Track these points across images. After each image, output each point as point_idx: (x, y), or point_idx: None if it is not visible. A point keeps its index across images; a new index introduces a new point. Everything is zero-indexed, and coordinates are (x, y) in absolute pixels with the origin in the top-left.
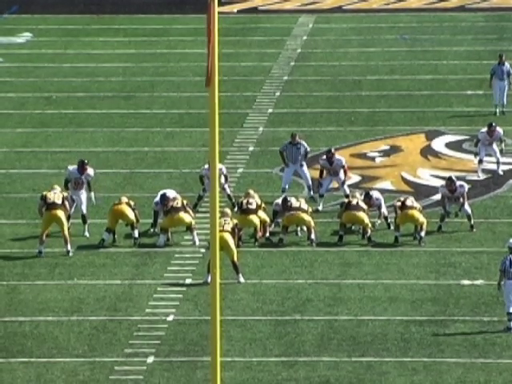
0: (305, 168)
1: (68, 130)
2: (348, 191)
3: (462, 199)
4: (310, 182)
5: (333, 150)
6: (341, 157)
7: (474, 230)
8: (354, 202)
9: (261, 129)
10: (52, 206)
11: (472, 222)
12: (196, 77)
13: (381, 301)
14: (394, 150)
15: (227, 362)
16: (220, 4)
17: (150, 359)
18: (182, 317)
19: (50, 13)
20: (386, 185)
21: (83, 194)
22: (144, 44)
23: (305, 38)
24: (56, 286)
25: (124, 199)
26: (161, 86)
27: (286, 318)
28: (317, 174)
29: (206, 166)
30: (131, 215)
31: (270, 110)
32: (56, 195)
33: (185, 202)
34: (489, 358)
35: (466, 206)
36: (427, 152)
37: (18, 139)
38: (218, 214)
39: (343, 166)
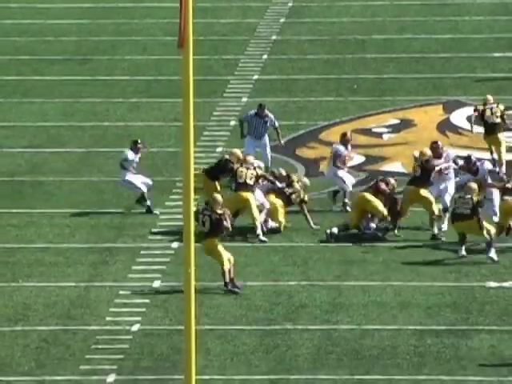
0: (267, 143)
1: (11, 100)
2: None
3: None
4: (270, 163)
5: (348, 134)
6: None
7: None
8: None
9: (244, 99)
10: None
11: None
12: (166, 36)
13: (389, 307)
14: (406, 124)
15: (204, 381)
16: None
17: (111, 377)
18: (150, 326)
19: None
20: (396, 167)
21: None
22: None
23: None
24: None
25: None
26: (123, 47)
27: (276, 328)
28: (307, 153)
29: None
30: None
31: (256, 77)
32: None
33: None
34: None
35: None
36: (445, 127)
37: None
38: (192, 202)
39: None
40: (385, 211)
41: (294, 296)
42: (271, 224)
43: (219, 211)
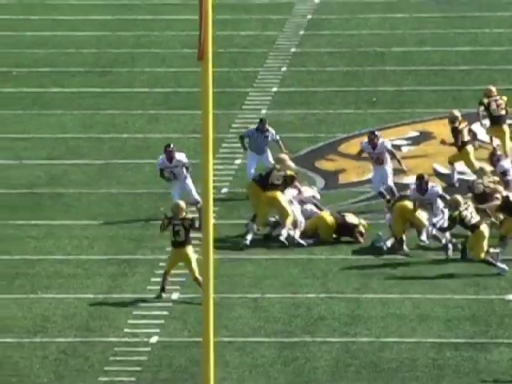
0: (269, 157)
1: (30, 112)
2: (393, 186)
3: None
4: None
5: (376, 133)
6: (386, 140)
7: (450, 254)
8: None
9: (263, 111)
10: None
11: (444, 241)
12: (185, 48)
13: (408, 319)
14: (425, 136)
15: None
16: None
17: None
18: (168, 338)
19: None
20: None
21: (187, 180)
22: (122, 8)
23: (317, 1)
24: (16, 301)
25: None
26: (143, 59)
27: (294, 340)
28: (326, 165)
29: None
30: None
31: (275, 89)
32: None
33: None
34: None
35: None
36: None
37: None
38: (211, 213)
39: (389, 151)
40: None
41: (313, 308)
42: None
43: (189, 216)
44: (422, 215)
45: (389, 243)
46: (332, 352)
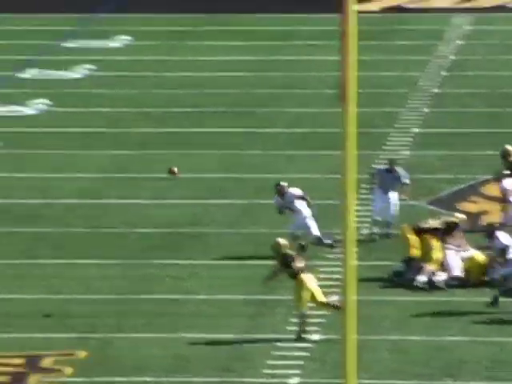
0: (395, 199)
1: (172, 151)
2: None
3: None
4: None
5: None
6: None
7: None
8: None
9: (405, 152)
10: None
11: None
12: (326, 89)
13: None
14: None
15: None
16: (358, 1)
17: None
18: (308, 379)
19: (152, 12)
20: None
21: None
22: (265, 49)
23: (459, 42)
24: (156, 340)
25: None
26: (283, 99)
27: (435, 383)
28: (469, 207)
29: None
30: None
31: (416, 130)
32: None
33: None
34: None
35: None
36: None
37: (111, 163)
38: (354, 255)
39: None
40: None
41: (455, 351)
42: (439, 278)
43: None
44: None
45: None
46: None
